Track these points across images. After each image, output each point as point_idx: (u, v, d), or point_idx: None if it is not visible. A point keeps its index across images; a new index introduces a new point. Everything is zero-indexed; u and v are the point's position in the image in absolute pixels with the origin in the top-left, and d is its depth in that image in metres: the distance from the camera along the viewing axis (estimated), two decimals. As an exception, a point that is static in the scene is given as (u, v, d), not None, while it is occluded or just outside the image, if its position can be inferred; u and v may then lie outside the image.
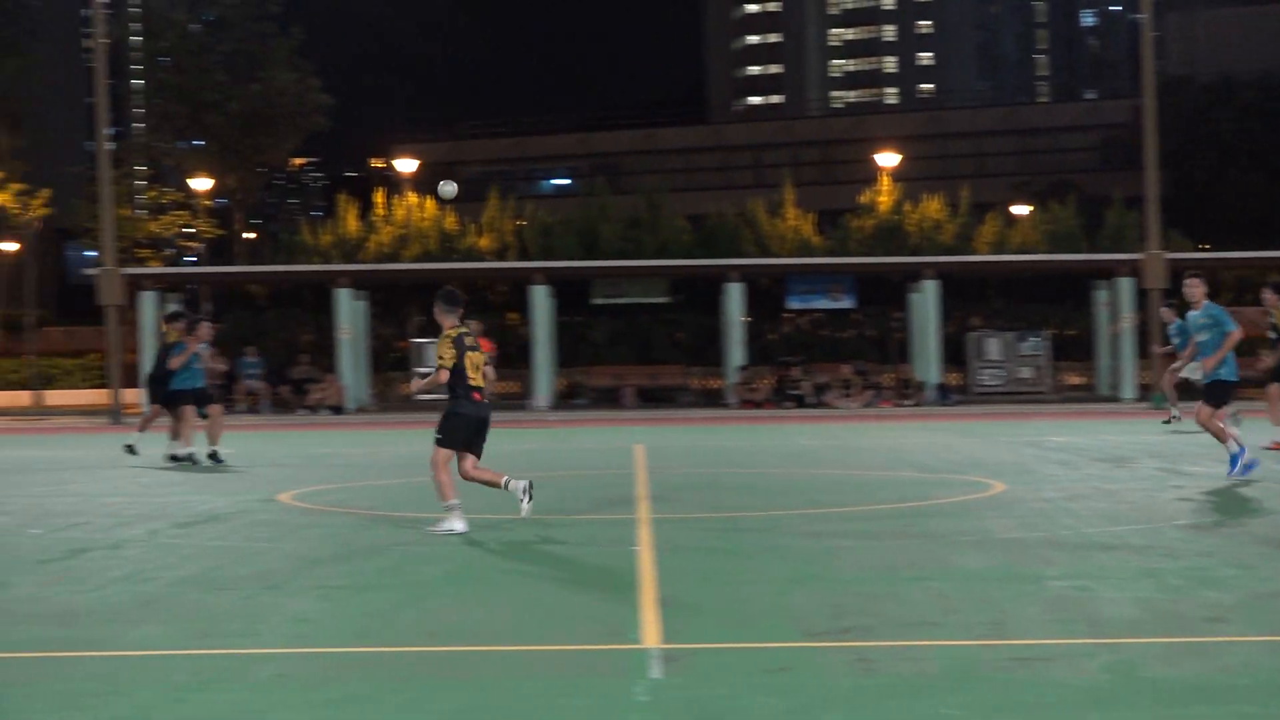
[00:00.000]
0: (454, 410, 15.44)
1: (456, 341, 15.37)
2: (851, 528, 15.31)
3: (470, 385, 15.35)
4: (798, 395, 45.18)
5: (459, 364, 15.33)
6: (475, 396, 15.39)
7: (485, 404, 15.49)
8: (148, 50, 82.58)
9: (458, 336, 15.43)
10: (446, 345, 15.30)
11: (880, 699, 8.02)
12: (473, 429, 15.47)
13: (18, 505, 18.58)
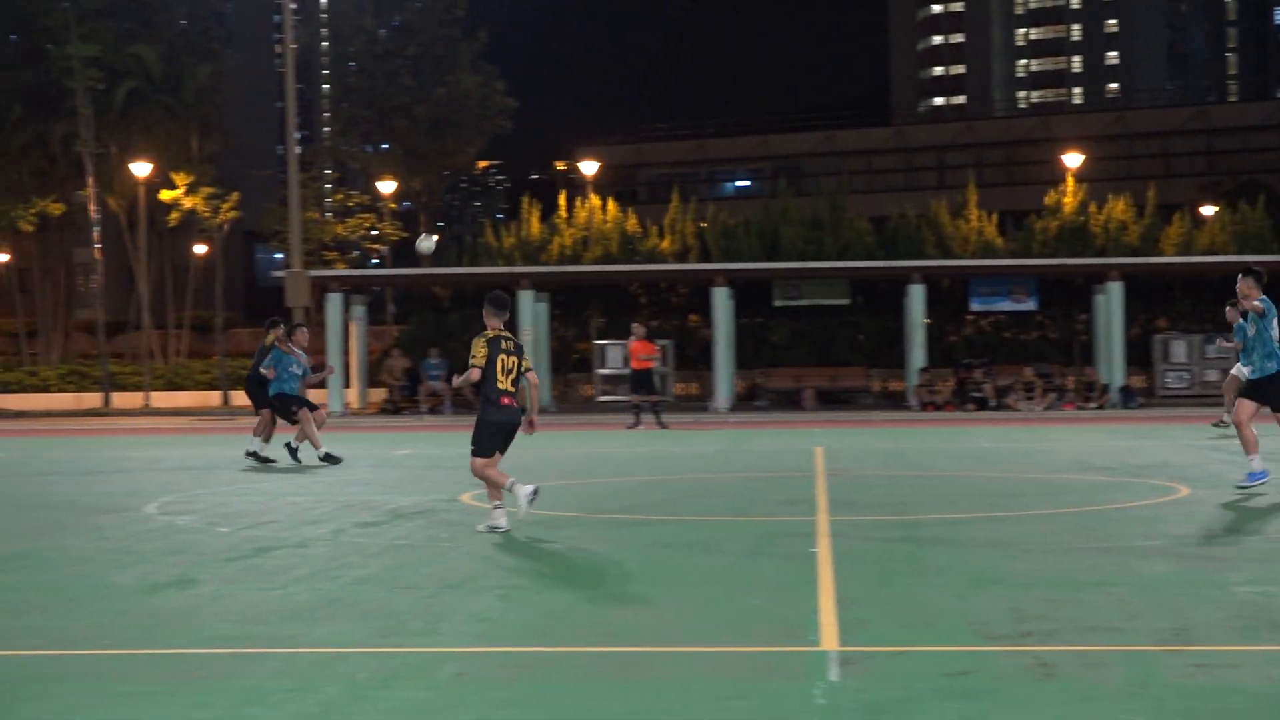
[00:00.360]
0: (482, 418, 15.68)
1: (491, 342, 15.57)
2: (1032, 531, 15.17)
3: (499, 389, 15.53)
4: (979, 398, 44.79)
5: (490, 366, 15.45)
6: (503, 401, 15.59)
7: (513, 408, 15.67)
8: (335, 55, 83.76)
9: (494, 338, 15.63)
10: (480, 345, 15.51)
11: (1060, 704, 7.95)
12: (501, 434, 15.75)
13: (206, 504, 18.93)
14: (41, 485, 22.41)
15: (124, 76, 71.12)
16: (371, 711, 8.02)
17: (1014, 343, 49.56)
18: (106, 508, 18.49)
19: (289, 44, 46.00)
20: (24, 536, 15.85)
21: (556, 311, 50.59)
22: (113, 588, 12.23)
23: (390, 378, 48.39)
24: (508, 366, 15.55)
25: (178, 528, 16.35)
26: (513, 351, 15.66)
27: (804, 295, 48.29)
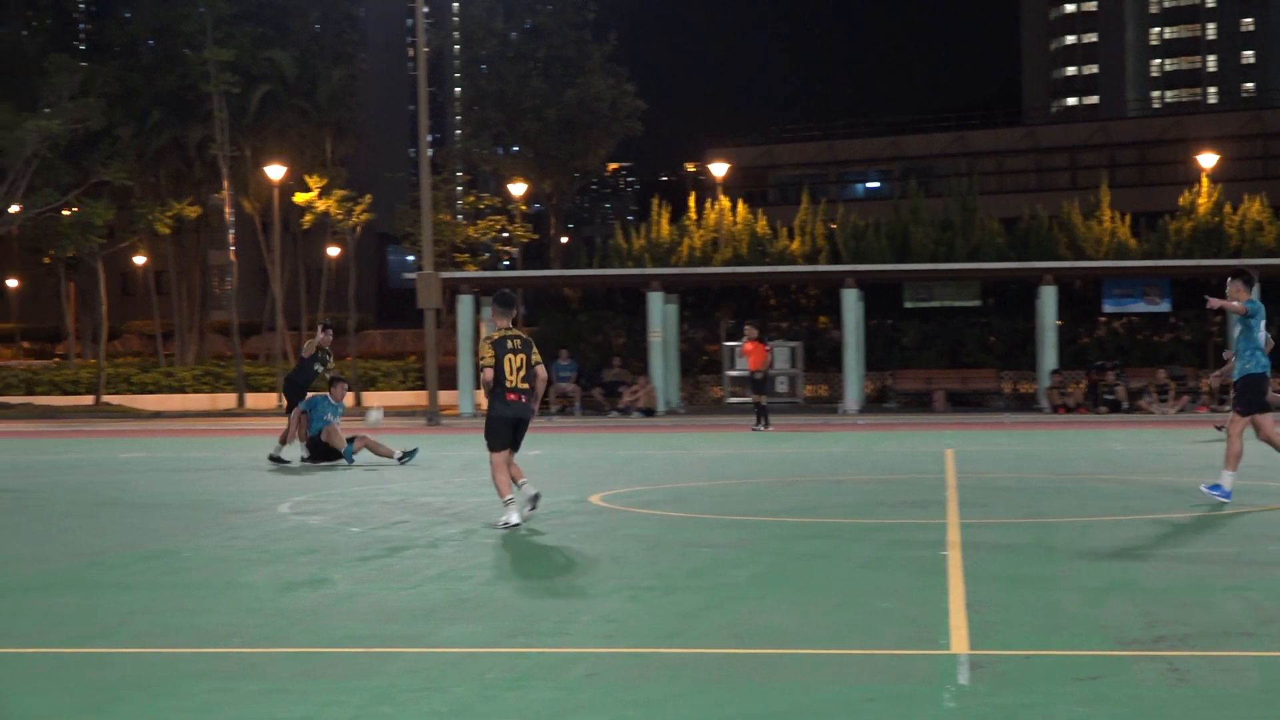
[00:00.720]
0: (491, 414, 16.27)
1: (497, 344, 16.13)
2: (1165, 534, 15.02)
3: (506, 386, 16.08)
4: (1112, 400, 44.36)
5: (498, 365, 16.04)
6: (509, 397, 16.12)
7: (520, 404, 16.17)
8: (467, 58, 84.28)
9: (500, 339, 16.19)
10: (487, 347, 16.15)
11: (1192, 710, 7.87)
12: (510, 427, 16.20)
13: (338, 504, 19.11)
14: (178, 485, 22.72)
15: (259, 80, 71.96)
16: (501, 711, 8.07)
17: (1147, 345, 49.03)
18: (240, 507, 18.72)
19: (421, 47, 46.32)
20: (162, 535, 16.07)
21: (686, 313, 50.62)
22: (246, 587, 12.38)
23: (520, 379, 48.62)
24: (516, 365, 16.11)
25: (310, 527, 16.52)
26: (519, 349, 16.19)
27: (934, 297, 48.02)
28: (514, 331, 16.31)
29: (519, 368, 16.14)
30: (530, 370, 16.18)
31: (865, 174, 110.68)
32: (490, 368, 16.08)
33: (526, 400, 16.24)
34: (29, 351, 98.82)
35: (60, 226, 60.30)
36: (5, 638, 10.40)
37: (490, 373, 16.03)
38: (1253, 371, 17.55)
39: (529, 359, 16.22)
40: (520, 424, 16.31)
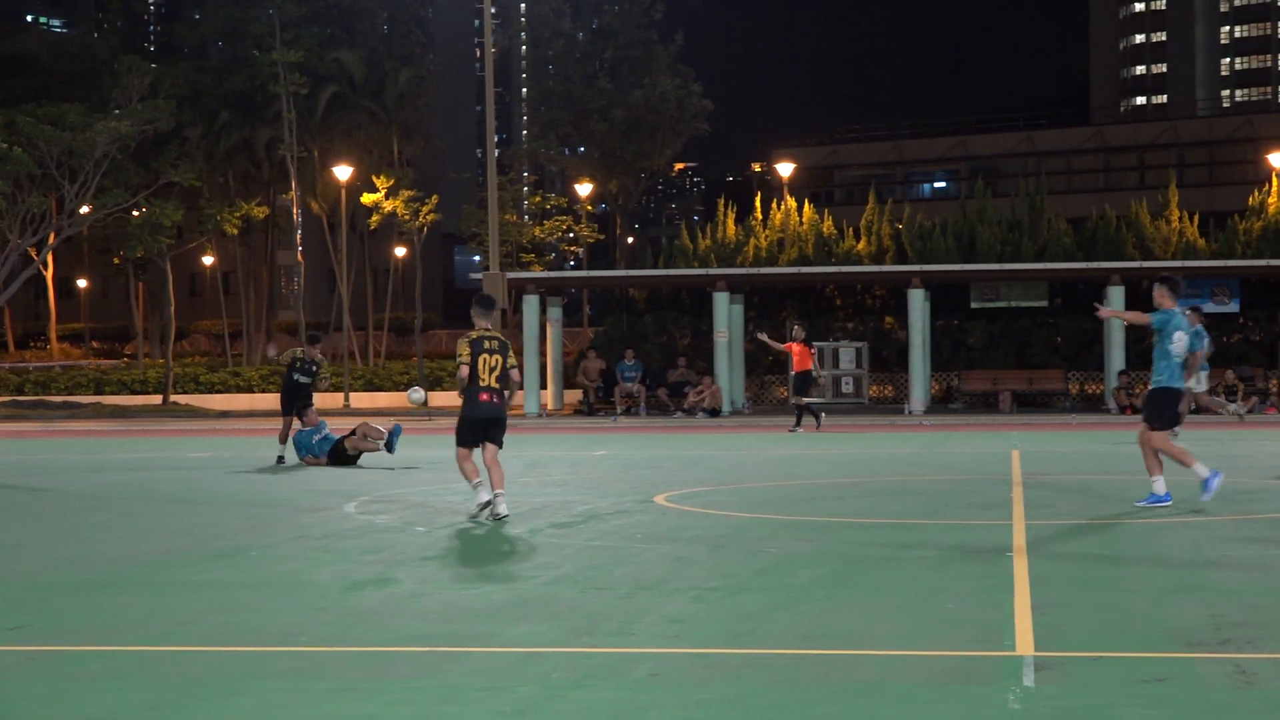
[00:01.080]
0: (462, 415, 17.14)
1: (474, 343, 16.91)
2: (1233, 535, 14.93)
3: (480, 386, 16.89)
4: (1180, 401, 44.07)
5: (473, 364, 16.81)
6: (482, 398, 16.94)
7: (491, 404, 17.00)
8: (534, 59, 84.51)
9: (477, 339, 16.96)
10: (464, 345, 16.89)
11: (1260, 713, 7.83)
12: (480, 428, 17.09)
13: (404, 503, 19.19)
14: (245, 484, 22.86)
15: (327, 81, 72.39)
16: (565, 711, 8.09)
17: (1215, 345, 48.68)
18: (307, 506, 18.83)
19: (489, 48, 46.50)
20: (230, 534, 16.19)
21: (751, 314, 50.56)
22: (312, 586, 12.45)
23: (585, 379, 48.69)
24: (491, 365, 16.89)
25: (376, 527, 16.60)
26: (496, 350, 16.96)
27: (1001, 297, 47.82)
28: (492, 332, 17.02)
29: (494, 368, 16.87)
30: (504, 371, 16.92)
31: (932, 174, 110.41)
32: (466, 365, 16.80)
33: (499, 401, 17.01)
34: (98, 351, 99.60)
35: (129, 227, 60.72)
36: (76, 636, 10.49)
37: (466, 369, 16.75)
38: (1161, 386, 17.37)
39: (504, 360, 16.94)
40: (492, 423, 17.10)
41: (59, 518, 18.48)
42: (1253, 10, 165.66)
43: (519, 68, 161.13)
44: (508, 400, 17.21)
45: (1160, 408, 17.48)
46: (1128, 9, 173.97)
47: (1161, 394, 17.41)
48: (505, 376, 16.96)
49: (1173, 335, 17.18)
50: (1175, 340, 17.19)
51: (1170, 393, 17.42)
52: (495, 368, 16.89)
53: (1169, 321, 17.22)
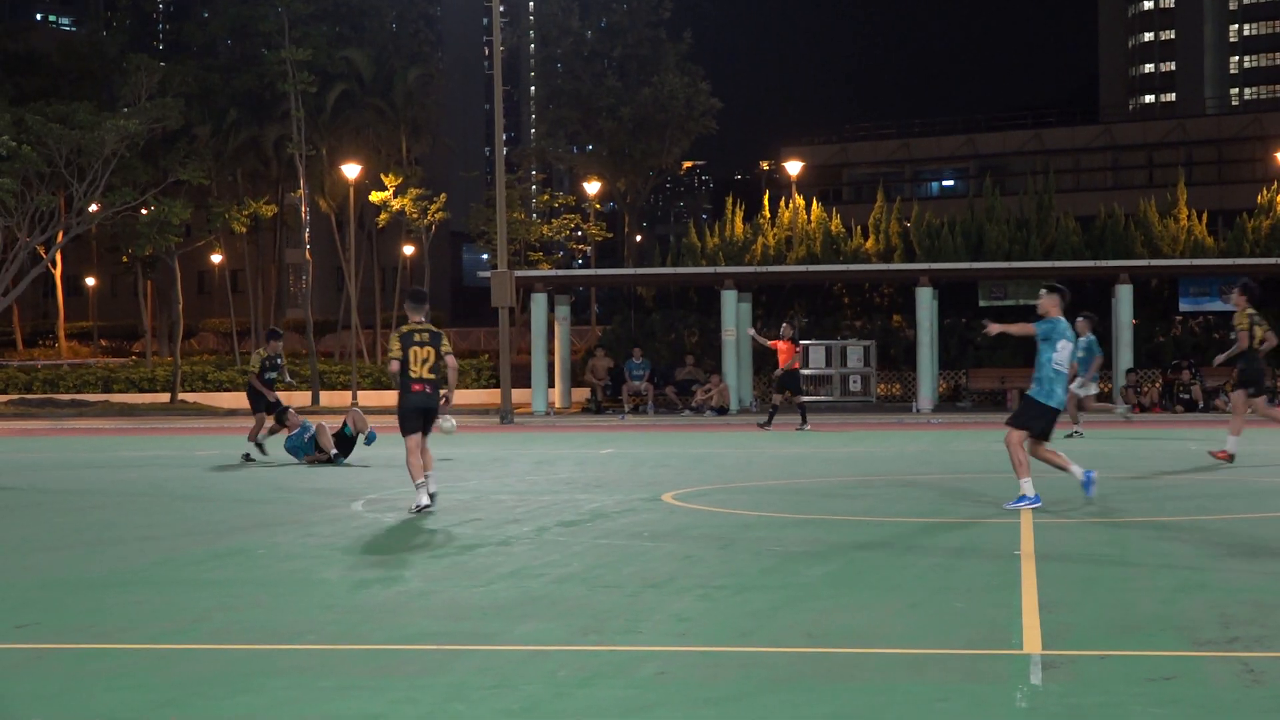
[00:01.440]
0: (399, 404, 17.98)
1: (404, 338, 17.87)
2: (1241, 534, 14.91)
3: (411, 377, 17.80)
4: (1187, 399, 44.05)
5: (404, 358, 17.74)
6: (414, 388, 17.83)
7: (424, 394, 17.84)
8: (542, 57, 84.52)
9: (407, 333, 17.92)
10: (395, 340, 17.84)
11: (1268, 712, 7.82)
12: (416, 416, 17.85)
13: (411, 501, 19.19)
14: (253, 482, 22.88)
15: (335, 80, 72.46)
16: (572, 709, 8.09)
17: (1224, 344, 48.59)
18: (315, 504, 18.84)
19: (497, 46, 46.44)
20: (237, 532, 16.20)
21: (759, 312, 50.59)
22: (320, 583, 12.46)
23: (594, 377, 48.72)
24: (422, 357, 17.81)
25: (383, 525, 16.61)
26: (427, 342, 17.88)
27: (1009, 295, 47.81)
28: (423, 326, 17.87)
29: (425, 359, 17.80)
30: (439, 361, 17.83)
31: (940, 172, 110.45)
32: (397, 360, 17.79)
33: (431, 390, 17.85)
34: (106, 349, 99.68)
35: (138, 225, 60.83)
36: (83, 634, 10.50)
37: (396, 365, 17.74)
38: (1039, 401, 17.34)
39: (438, 351, 17.87)
40: (427, 412, 17.92)
41: (66, 516, 18.50)
42: (1262, 8, 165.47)
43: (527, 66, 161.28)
44: (450, 388, 18.05)
45: (1032, 418, 17.42)
46: (1136, 7, 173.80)
47: (1037, 408, 17.38)
48: (440, 366, 17.81)
49: (1057, 344, 17.20)
50: (1059, 349, 17.21)
51: (1043, 409, 17.38)
52: (427, 359, 17.75)
53: (1053, 330, 17.24)
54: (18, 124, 53.46)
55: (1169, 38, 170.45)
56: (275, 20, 66.64)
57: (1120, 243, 50.27)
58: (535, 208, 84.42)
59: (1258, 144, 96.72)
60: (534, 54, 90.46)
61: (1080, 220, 53.21)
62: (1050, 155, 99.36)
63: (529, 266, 70.91)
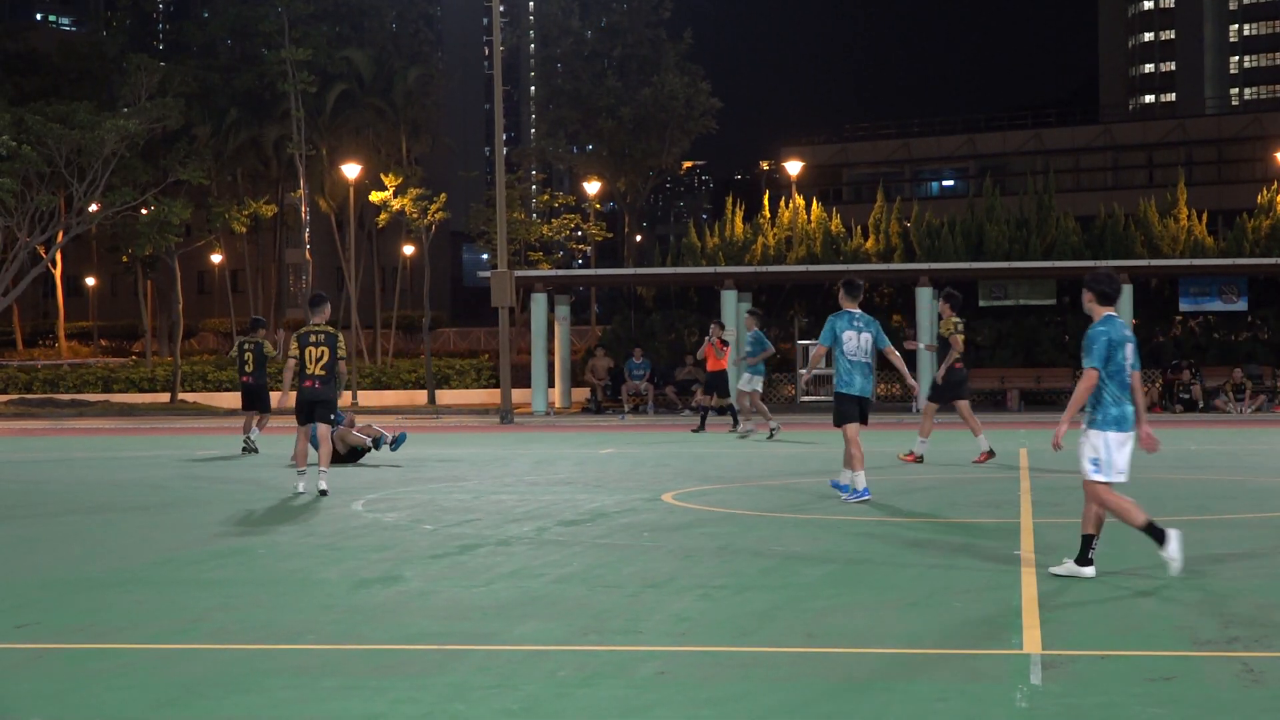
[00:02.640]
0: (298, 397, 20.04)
1: (300, 338, 19.93)
2: (1240, 535, 14.92)
3: (306, 374, 19.87)
4: (1187, 399, 44.06)
5: (300, 356, 19.79)
6: (306, 384, 19.90)
7: (313, 389, 19.90)
8: (542, 57, 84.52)
9: (303, 334, 19.97)
10: (293, 340, 19.83)
11: (1268, 712, 7.83)
12: (307, 409, 19.98)
13: (411, 501, 19.20)
14: (254, 482, 22.87)
15: (335, 80, 72.45)
16: (572, 709, 8.10)
17: (1223, 344, 48.65)
18: (315, 505, 18.84)
19: (497, 47, 46.42)
20: (237, 532, 16.21)
21: (759, 311, 50.60)
22: (320, 584, 12.47)
23: (594, 377, 48.72)
24: (316, 356, 19.83)
25: (384, 524, 16.62)
26: (322, 343, 19.90)
27: (1009, 295, 47.82)
28: (320, 327, 19.99)
29: (319, 358, 19.82)
30: (331, 361, 19.78)
31: (940, 172, 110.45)
32: (294, 358, 19.87)
33: (321, 386, 19.88)
34: (106, 349, 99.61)
35: (138, 225, 60.81)
36: (83, 634, 10.51)
37: (294, 361, 19.81)
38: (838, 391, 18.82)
39: (331, 351, 19.88)
40: (316, 404, 19.91)
41: (66, 515, 18.50)
42: (1262, 8, 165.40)
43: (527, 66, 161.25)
44: (338, 385, 20.13)
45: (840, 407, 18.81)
46: (1136, 7, 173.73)
47: (838, 398, 18.83)
48: (332, 364, 19.79)
49: (842, 336, 18.65)
50: (845, 340, 18.61)
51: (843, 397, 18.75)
52: (321, 358, 19.81)
53: (834, 323, 18.76)
54: (18, 124, 53.44)
55: (1169, 38, 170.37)
56: (275, 20, 66.63)
57: (1120, 243, 50.26)
58: (535, 208, 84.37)
59: (1258, 144, 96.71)
60: (534, 54, 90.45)
61: (1080, 220, 53.17)
62: (1050, 155, 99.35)
63: (529, 266, 70.87)
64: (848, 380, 18.59)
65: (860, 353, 18.58)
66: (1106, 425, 12.32)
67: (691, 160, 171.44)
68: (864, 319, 18.75)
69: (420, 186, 71.19)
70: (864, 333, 18.64)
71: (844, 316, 18.67)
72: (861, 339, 18.59)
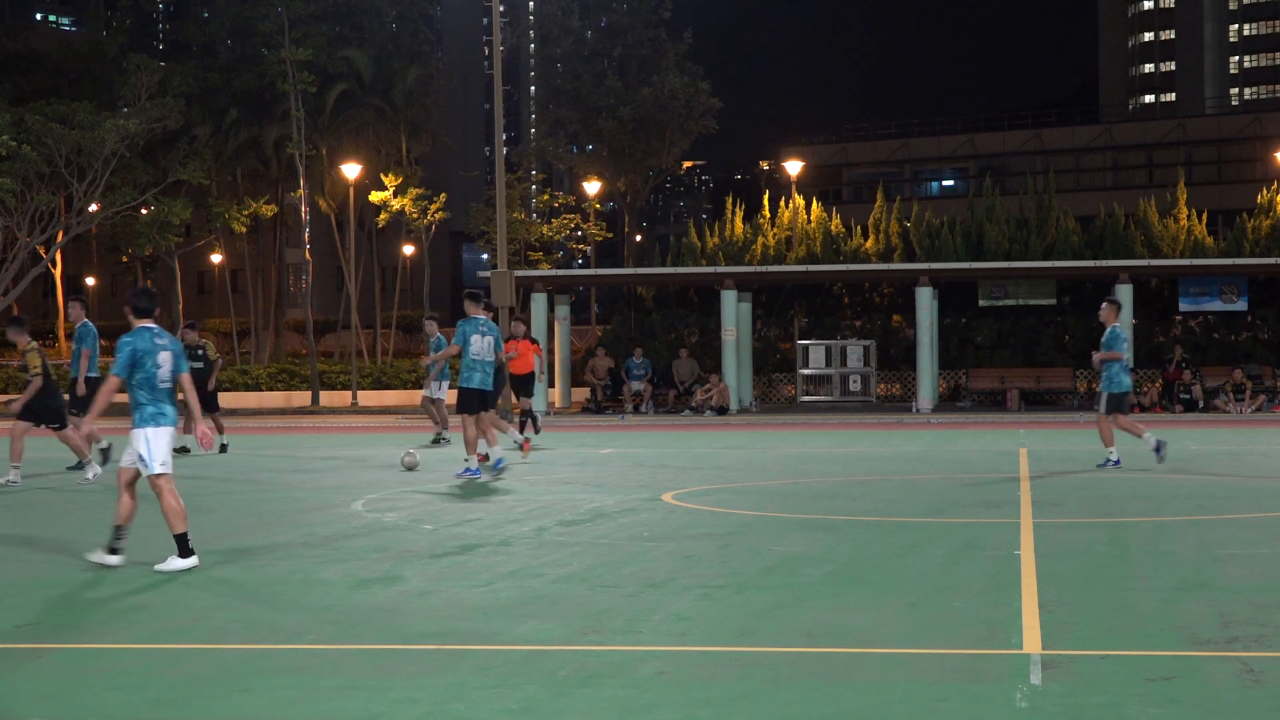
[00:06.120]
0: None
1: None
2: (1240, 535, 14.92)
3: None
4: (1187, 399, 44.05)
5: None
6: None
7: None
8: (542, 57, 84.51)
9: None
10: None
11: (1268, 712, 7.83)
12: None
13: (411, 502, 19.19)
14: (254, 483, 22.88)
15: (335, 80, 72.41)
16: (572, 709, 8.10)
17: (1224, 344, 48.64)
18: (315, 505, 18.84)
19: (497, 47, 46.40)
20: (237, 532, 16.21)
21: (759, 311, 50.59)
22: (320, 584, 12.46)
23: (594, 377, 48.70)
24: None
25: (383, 525, 16.61)
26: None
27: (1009, 295, 47.79)
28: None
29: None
30: None
31: (940, 172, 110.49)
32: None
33: None
34: (106, 349, 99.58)
35: (138, 225, 60.80)
36: (82, 633, 10.51)
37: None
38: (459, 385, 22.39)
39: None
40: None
41: (65, 515, 18.50)
42: (1262, 8, 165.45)
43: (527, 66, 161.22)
44: None
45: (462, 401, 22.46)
46: (1137, 7, 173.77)
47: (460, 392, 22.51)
48: None
49: (470, 339, 22.22)
50: (472, 343, 22.23)
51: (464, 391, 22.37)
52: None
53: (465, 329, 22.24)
54: (18, 124, 53.43)
55: (1169, 38, 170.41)
56: (275, 20, 66.56)
57: (1120, 243, 50.24)
58: (535, 208, 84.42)
59: (1258, 144, 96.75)
60: (534, 54, 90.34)
61: (1080, 220, 53.15)
62: (1050, 155, 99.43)
63: (529, 266, 70.91)
64: (468, 377, 22.25)
65: (483, 353, 22.27)
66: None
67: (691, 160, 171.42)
68: (488, 325, 22.48)
69: (420, 186, 71.22)
70: (487, 336, 22.39)
71: (472, 323, 22.30)
72: (485, 341, 22.34)
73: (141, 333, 13.59)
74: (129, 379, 13.42)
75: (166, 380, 13.57)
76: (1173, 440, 30.98)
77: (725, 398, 45.59)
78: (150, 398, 13.43)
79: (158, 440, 13.46)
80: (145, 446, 13.44)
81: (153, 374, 13.44)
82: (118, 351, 13.44)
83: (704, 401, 45.64)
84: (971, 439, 32.82)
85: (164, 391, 13.55)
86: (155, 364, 13.45)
